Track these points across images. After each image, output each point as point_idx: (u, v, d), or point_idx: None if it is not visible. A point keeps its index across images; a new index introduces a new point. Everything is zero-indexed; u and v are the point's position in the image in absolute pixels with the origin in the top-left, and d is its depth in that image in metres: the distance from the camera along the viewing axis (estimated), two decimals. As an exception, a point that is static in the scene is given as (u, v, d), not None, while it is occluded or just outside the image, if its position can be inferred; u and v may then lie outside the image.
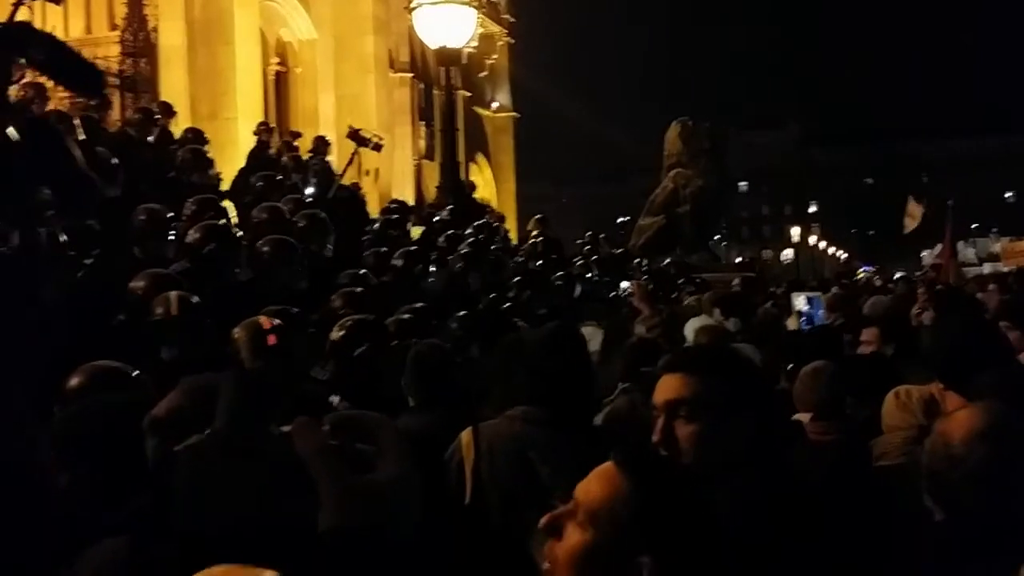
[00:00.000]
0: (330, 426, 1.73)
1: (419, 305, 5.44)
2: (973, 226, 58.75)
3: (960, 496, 2.17)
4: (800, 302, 7.91)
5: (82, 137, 7.83)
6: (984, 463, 2.16)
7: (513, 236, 18.36)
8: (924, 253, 36.80)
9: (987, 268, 28.80)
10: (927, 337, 4.27)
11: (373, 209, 13.33)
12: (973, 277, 18.89)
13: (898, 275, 21.75)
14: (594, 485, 1.54)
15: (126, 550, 2.05)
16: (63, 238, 4.25)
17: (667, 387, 2.11)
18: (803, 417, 3.73)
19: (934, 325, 5.58)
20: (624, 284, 6.48)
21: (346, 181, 12.28)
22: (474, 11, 14.55)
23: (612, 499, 1.50)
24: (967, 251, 39.67)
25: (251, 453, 1.98)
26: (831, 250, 70.80)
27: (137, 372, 3.24)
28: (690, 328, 5.81)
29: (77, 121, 7.47)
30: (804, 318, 7.73)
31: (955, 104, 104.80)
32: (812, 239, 74.01)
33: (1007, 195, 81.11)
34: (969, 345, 3.38)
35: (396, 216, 8.35)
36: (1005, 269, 18.49)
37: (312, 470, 1.56)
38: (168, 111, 11.00)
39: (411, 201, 18.03)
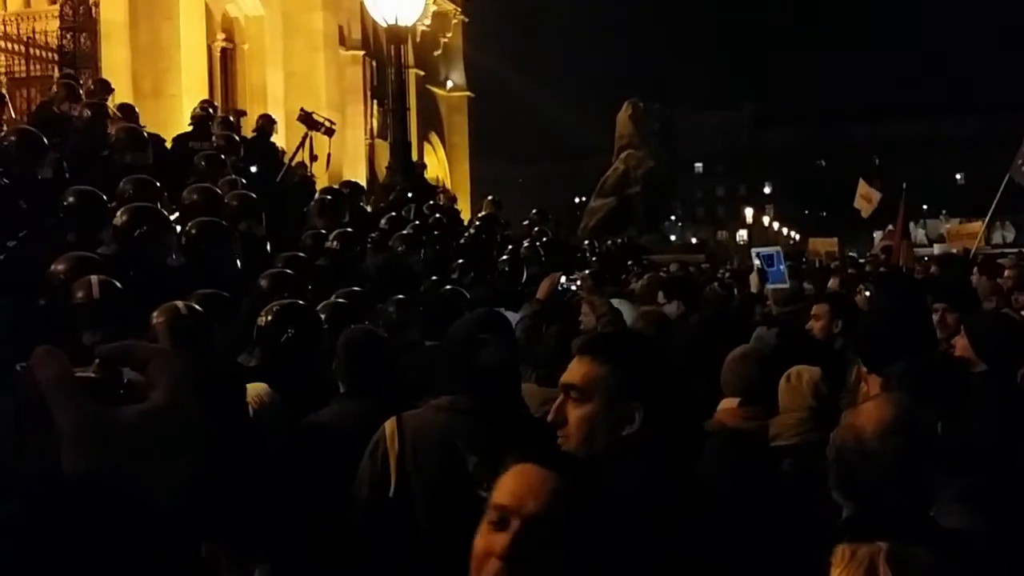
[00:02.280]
0: (98, 358, 1.71)
1: (354, 289, 5.33)
2: (924, 207, 59.76)
3: (874, 489, 2.17)
4: (756, 260, 7.91)
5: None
6: (897, 455, 2.17)
7: (466, 217, 18.26)
8: (876, 234, 37.32)
9: (937, 249, 29.26)
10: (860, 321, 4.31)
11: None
12: (921, 258, 19.19)
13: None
14: None
15: None
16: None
17: (569, 370, 2.12)
18: (731, 402, 3.72)
19: (866, 309, 5.65)
20: (563, 280, 6.37)
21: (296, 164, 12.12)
22: (425, -12, 14.43)
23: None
24: (918, 232, 40.33)
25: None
26: (784, 230, 71.59)
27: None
28: (626, 314, 5.77)
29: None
30: (766, 275, 7.72)
31: (907, 86, 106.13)
32: (766, 220, 74.80)
33: (957, 177, 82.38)
34: (892, 331, 3.41)
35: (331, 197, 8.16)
36: (953, 251, 18.75)
37: (50, 403, 1.51)
38: (106, 88, 10.69)
39: (363, 181, 17.85)
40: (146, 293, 4.35)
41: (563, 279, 6.38)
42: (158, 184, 6.50)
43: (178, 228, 5.73)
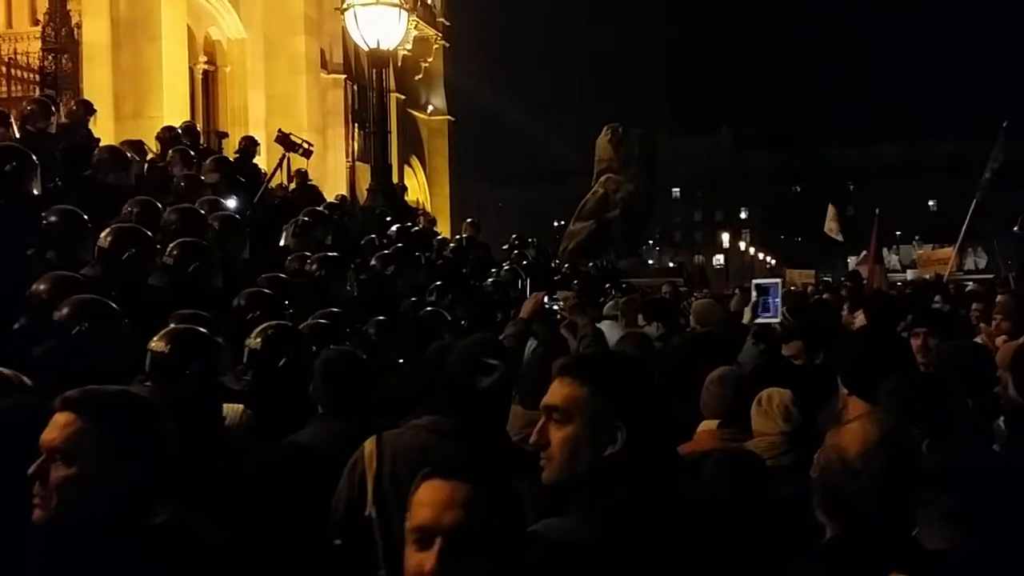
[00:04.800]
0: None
1: (334, 310, 5.36)
2: (897, 233, 60.24)
3: (859, 508, 2.17)
4: (754, 292, 7.91)
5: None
6: (882, 474, 2.17)
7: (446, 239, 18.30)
8: (851, 259, 37.65)
9: (910, 275, 29.53)
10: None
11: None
12: (895, 283, 19.37)
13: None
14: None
15: None
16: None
17: (550, 391, 2.12)
18: (710, 424, 3.77)
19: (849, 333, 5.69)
20: (545, 300, 6.40)
21: (274, 185, 12.12)
22: (406, 13, 14.53)
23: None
24: (891, 258, 40.65)
25: None
26: (760, 256, 72.02)
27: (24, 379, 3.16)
28: (608, 334, 5.83)
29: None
30: (758, 307, 7.71)
31: (882, 112, 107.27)
32: (743, 245, 75.23)
33: (931, 203, 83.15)
34: (869, 353, 3.46)
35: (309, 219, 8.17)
36: (926, 276, 18.95)
37: None
38: (88, 109, 10.70)
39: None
40: (129, 313, 4.37)
41: (546, 299, 6.43)
42: (159, 206, 6.51)
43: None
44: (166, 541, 2.15)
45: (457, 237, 12.80)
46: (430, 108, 33.42)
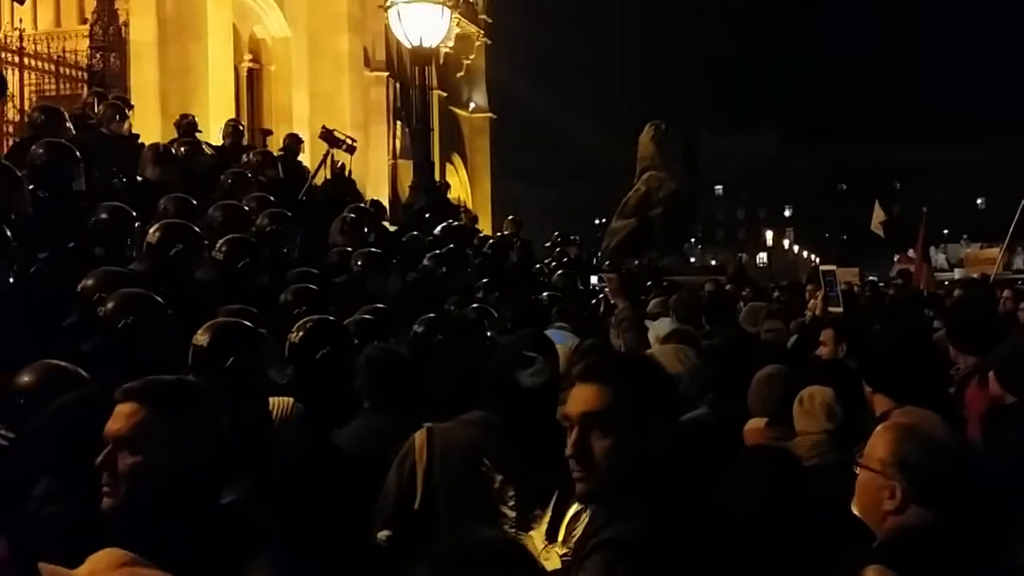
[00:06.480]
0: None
1: (379, 306, 5.38)
2: (945, 232, 59.41)
3: (949, 485, 2.15)
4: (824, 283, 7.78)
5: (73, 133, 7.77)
6: (966, 450, 2.20)
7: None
8: (896, 258, 37.12)
9: (957, 274, 29.05)
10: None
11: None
12: (942, 282, 19.05)
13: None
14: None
15: None
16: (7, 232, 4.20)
17: (582, 398, 2.00)
18: (758, 422, 3.73)
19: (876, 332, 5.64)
20: (593, 279, 6.37)
21: (318, 181, 12.19)
22: (449, 10, 14.57)
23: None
24: (938, 257, 40.05)
25: None
26: (805, 253, 71.34)
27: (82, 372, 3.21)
28: (659, 330, 5.80)
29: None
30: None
31: (930, 110, 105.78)
32: (786, 243, 74.54)
33: (979, 201, 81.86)
34: (895, 352, 3.44)
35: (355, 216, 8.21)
36: (973, 276, 18.61)
37: None
38: (126, 105, 10.81)
39: (386, 201, 17.96)
40: (176, 308, 4.41)
41: (593, 280, 6.39)
42: (194, 202, 6.58)
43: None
44: (232, 524, 2.23)
45: (498, 234, 12.80)
46: (472, 105, 33.47)
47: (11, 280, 4.51)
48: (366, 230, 8.06)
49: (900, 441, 2.23)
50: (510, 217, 14.63)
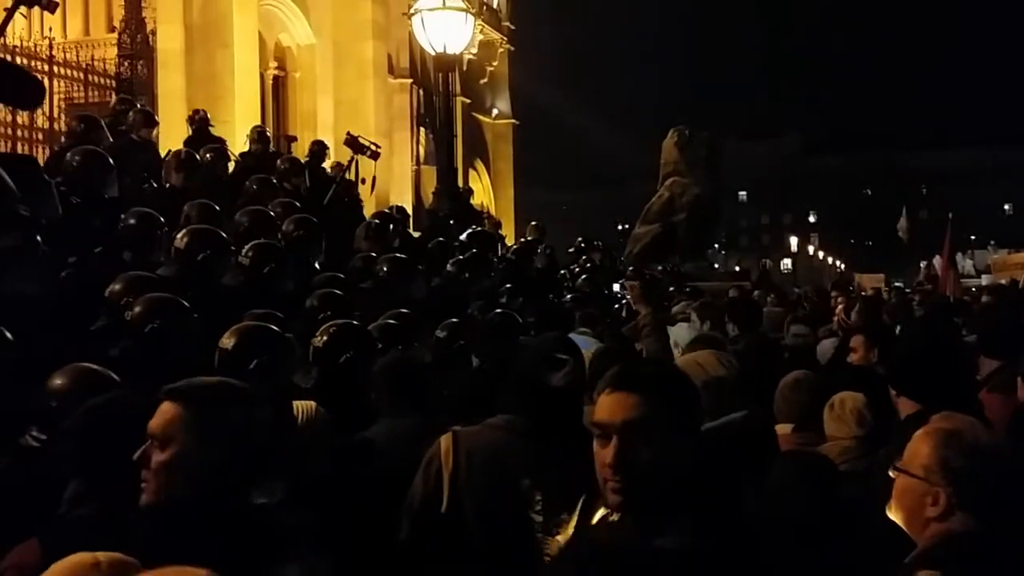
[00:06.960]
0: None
1: (403, 311, 5.39)
2: (972, 237, 58.88)
3: (995, 491, 2.12)
4: None
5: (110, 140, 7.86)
6: (1009, 456, 2.16)
7: (510, 243, 18.33)
8: (923, 264, 36.84)
9: (985, 280, 28.80)
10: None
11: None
12: (969, 288, 18.88)
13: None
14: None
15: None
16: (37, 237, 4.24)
17: (622, 406, 1.93)
18: (785, 428, 3.71)
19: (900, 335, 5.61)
20: (615, 286, 6.36)
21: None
22: (472, 17, 14.58)
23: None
24: (965, 263, 39.68)
25: None
26: (829, 260, 70.87)
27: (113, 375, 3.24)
28: (677, 335, 5.77)
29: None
30: None
31: (955, 115, 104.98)
32: (811, 249, 74.11)
33: (1006, 207, 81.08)
34: (919, 356, 3.42)
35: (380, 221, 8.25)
36: (1001, 281, 18.47)
37: None
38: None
39: (409, 207, 18.02)
40: (204, 314, 4.45)
41: (615, 286, 6.37)
42: (217, 208, 6.63)
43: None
44: (264, 525, 2.26)
45: (522, 240, 12.81)
46: (495, 112, 33.55)
47: (41, 284, 4.56)
48: (390, 237, 8.09)
49: (943, 447, 2.18)
50: (533, 223, 14.61)
